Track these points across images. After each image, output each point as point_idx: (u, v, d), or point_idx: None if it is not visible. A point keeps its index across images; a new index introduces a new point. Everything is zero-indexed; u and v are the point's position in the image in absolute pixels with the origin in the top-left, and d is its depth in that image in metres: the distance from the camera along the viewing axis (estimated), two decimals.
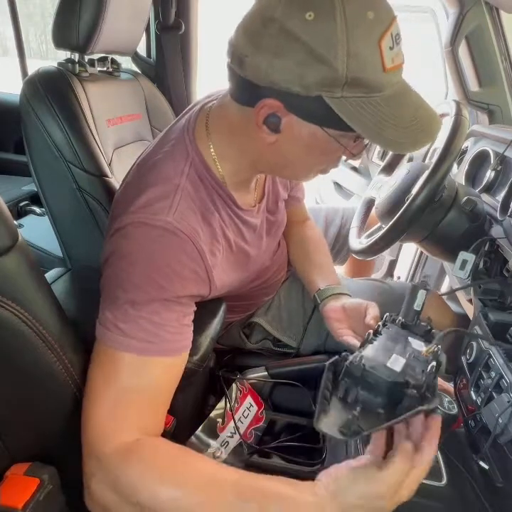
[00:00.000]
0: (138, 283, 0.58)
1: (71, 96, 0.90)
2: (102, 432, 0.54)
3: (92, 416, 0.55)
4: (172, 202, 0.62)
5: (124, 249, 0.59)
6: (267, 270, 0.94)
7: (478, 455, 0.61)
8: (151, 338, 0.57)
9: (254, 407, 0.81)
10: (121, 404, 0.55)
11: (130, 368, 0.56)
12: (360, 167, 2.09)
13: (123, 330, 0.57)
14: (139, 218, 0.60)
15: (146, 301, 0.58)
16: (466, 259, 0.80)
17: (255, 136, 0.62)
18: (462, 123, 0.83)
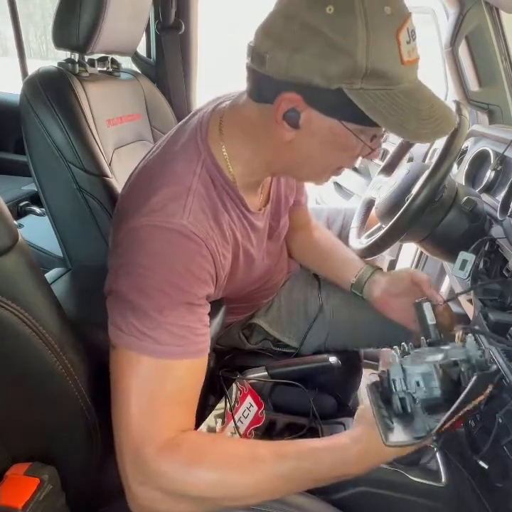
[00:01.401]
0: (161, 289, 0.58)
1: (71, 96, 0.90)
2: (142, 437, 0.55)
3: (129, 423, 0.55)
4: (185, 203, 0.61)
5: (142, 254, 0.59)
6: (268, 273, 0.94)
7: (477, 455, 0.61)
8: (180, 342, 0.58)
9: (254, 407, 0.81)
10: (156, 408, 0.56)
11: (161, 373, 0.57)
12: (360, 167, 2.09)
13: (152, 337, 0.56)
14: (154, 222, 0.59)
15: (171, 307, 0.58)
16: (466, 259, 0.80)
17: (273, 134, 0.62)
18: (462, 123, 0.83)
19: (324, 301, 1.03)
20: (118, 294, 0.60)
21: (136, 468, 0.55)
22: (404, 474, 0.69)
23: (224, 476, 0.54)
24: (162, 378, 0.57)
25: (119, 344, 0.58)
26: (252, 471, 0.54)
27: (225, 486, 0.54)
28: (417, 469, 0.70)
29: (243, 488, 0.55)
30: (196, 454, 0.55)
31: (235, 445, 0.58)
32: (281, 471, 0.54)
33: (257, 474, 0.54)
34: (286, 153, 0.65)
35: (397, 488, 0.69)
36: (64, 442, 0.57)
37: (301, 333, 1.01)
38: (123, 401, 0.56)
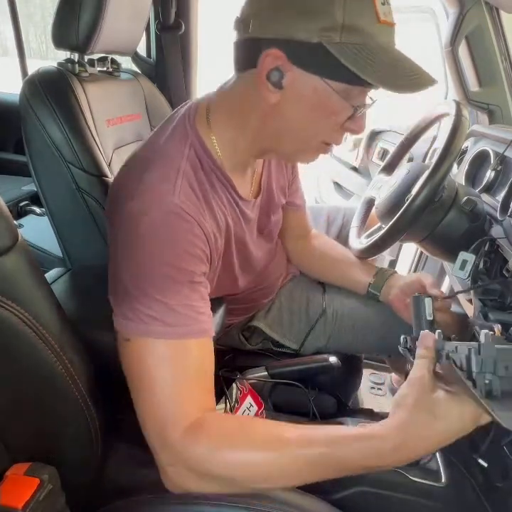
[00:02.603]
0: (160, 272, 0.59)
1: (71, 96, 0.90)
2: (166, 421, 0.56)
3: (153, 408, 0.57)
4: (175, 183, 0.62)
5: (137, 240, 0.60)
6: (265, 270, 0.94)
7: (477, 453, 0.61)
8: (188, 322, 0.59)
9: (254, 407, 0.81)
10: (176, 390, 0.57)
11: (175, 355, 0.58)
12: (360, 167, 2.09)
13: (161, 320, 0.58)
14: (145, 204, 0.60)
15: (173, 288, 0.59)
16: (466, 259, 0.80)
17: (257, 100, 0.63)
18: (462, 123, 0.83)
19: (327, 305, 1.03)
20: (121, 284, 0.61)
21: (165, 450, 0.56)
22: (404, 474, 0.69)
23: (249, 458, 0.55)
24: (178, 360, 0.58)
25: (130, 334, 0.59)
26: (278, 454, 0.54)
27: (250, 468, 0.55)
28: (417, 469, 0.70)
29: (267, 471, 0.55)
30: (223, 435, 0.56)
31: (261, 428, 0.58)
32: (307, 455, 0.53)
33: (282, 458, 0.54)
34: (270, 121, 0.65)
35: (397, 488, 0.69)
36: (64, 442, 0.57)
37: (301, 335, 1.00)
38: (144, 388, 0.58)
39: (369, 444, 0.51)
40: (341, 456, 0.52)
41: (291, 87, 0.61)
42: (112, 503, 0.62)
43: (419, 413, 0.50)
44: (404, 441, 0.50)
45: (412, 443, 0.50)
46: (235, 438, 0.56)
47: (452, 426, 0.49)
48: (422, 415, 0.50)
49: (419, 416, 0.50)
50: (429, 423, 0.49)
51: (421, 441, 0.50)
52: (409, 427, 0.50)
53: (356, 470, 0.54)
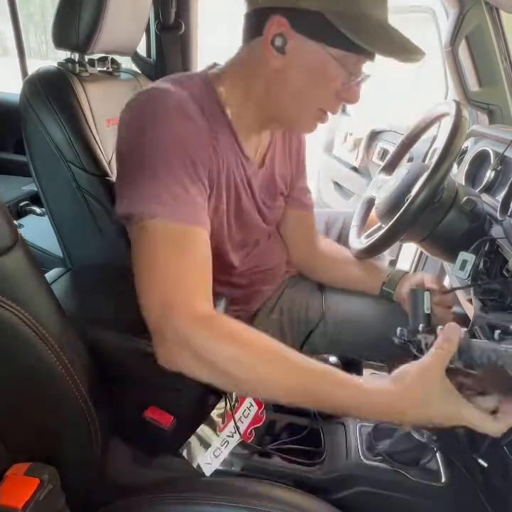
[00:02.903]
0: (166, 157, 0.64)
1: (71, 96, 0.90)
2: (177, 302, 0.58)
3: (159, 291, 0.59)
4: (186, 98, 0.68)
5: (142, 120, 0.66)
6: (262, 251, 0.96)
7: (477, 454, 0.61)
8: (190, 210, 0.64)
9: (254, 407, 0.81)
10: (191, 274, 0.61)
11: (183, 240, 0.62)
12: (360, 167, 2.09)
13: (164, 202, 0.62)
14: (154, 92, 0.69)
15: (177, 175, 0.64)
16: (466, 259, 0.80)
17: (263, 65, 0.69)
18: (462, 123, 0.83)
19: (327, 309, 1.02)
20: (131, 168, 0.66)
21: (167, 328, 0.58)
22: (404, 474, 0.69)
23: (244, 358, 0.56)
24: (184, 246, 0.62)
25: (139, 216, 0.62)
26: (271, 365, 0.56)
27: (242, 367, 0.56)
28: (417, 469, 0.70)
29: (255, 375, 0.57)
30: (227, 331, 0.58)
31: (263, 338, 0.60)
32: (298, 379, 0.56)
33: (274, 370, 0.56)
34: (273, 86, 0.71)
35: (397, 488, 0.69)
36: (64, 442, 0.58)
37: (301, 338, 1.00)
38: (148, 271, 0.61)
39: (351, 393, 0.55)
40: (325, 394, 0.56)
41: (293, 53, 0.66)
42: (112, 503, 0.62)
43: (414, 391, 0.53)
44: (384, 404, 0.54)
45: (391, 410, 0.54)
46: (236, 337, 0.58)
47: (439, 419, 0.54)
48: (415, 395, 0.53)
49: (413, 393, 0.53)
50: (418, 404, 0.53)
51: (401, 415, 0.55)
52: (397, 397, 0.54)
53: (336, 410, 0.58)
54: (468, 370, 0.53)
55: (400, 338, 0.67)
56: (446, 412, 0.53)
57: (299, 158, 0.99)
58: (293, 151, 0.96)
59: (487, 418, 0.52)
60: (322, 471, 0.73)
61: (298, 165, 0.99)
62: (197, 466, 0.72)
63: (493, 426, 0.52)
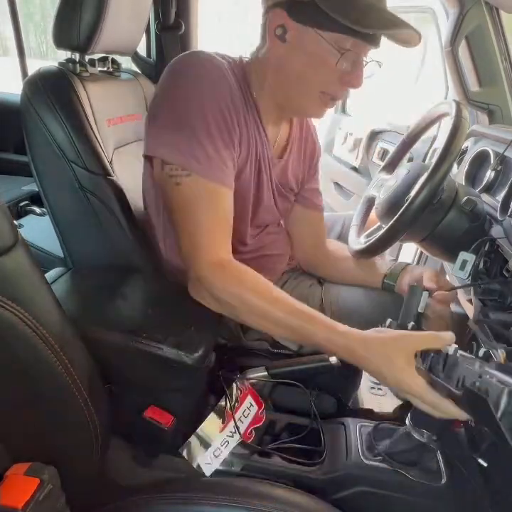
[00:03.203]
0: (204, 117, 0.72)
1: (72, 95, 0.90)
2: (201, 248, 0.73)
3: (194, 235, 0.74)
4: (224, 63, 0.77)
5: (191, 81, 0.73)
6: (270, 237, 1.00)
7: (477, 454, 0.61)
8: (220, 170, 0.74)
9: (254, 407, 0.81)
10: (215, 227, 0.74)
11: (212, 196, 0.74)
12: (360, 167, 2.09)
13: (201, 161, 0.72)
14: (199, 52, 0.77)
15: (211, 135, 0.73)
16: (466, 259, 0.80)
17: (270, 56, 0.78)
18: (462, 123, 0.83)
19: (326, 301, 1.03)
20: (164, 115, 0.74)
21: (193, 270, 0.74)
22: (404, 474, 0.69)
23: (252, 300, 0.71)
24: (214, 201, 0.74)
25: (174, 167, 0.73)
26: (271, 307, 0.71)
27: (249, 306, 0.72)
28: (417, 469, 0.70)
29: (259, 313, 0.72)
30: (241, 278, 0.73)
31: (270, 286, 0.74)
32: (290, 322, 0.70)
33: (274, 311, 0.71)
34: (279, 74, 0.79)
35: (397, 488, 0.69)
36: (64, 442, 0.58)
37: None
38: (187, 218, 0.74)
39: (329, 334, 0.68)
40: (308, 333, 0.69)
41: (292, 41, 0.74)
42: (112, 503, 0.62)
43: (384, 346, 0.64)
44: (355, 347, 0.66)
45: (359, 352, 0.65)
46: (248, 283, 0.73)
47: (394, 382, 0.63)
48: (384, 349, 0.63)
49: (382, 346, 0.64)
50: (382, 358, 0.63)
51: (366, 360, 0.65)
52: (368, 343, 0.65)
53: (314, 347, 0.72)
54: (448, 386, 0.55)
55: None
56: (403, 381, 0.62)
57: (312, 161, 1.04)
58: (307, 153, 1.01)
59: (445, 402, 0.58)
60: (322, 471, 0.73)
61: (310, 168, 1.04)
62: (197, 466, 0.72)
63: (451, 410, 0.58)
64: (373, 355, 0.64)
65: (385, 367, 0.63)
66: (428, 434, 0.66)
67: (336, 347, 0.68)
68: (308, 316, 0.70)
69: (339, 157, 2.29)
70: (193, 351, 0.69)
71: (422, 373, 0.61)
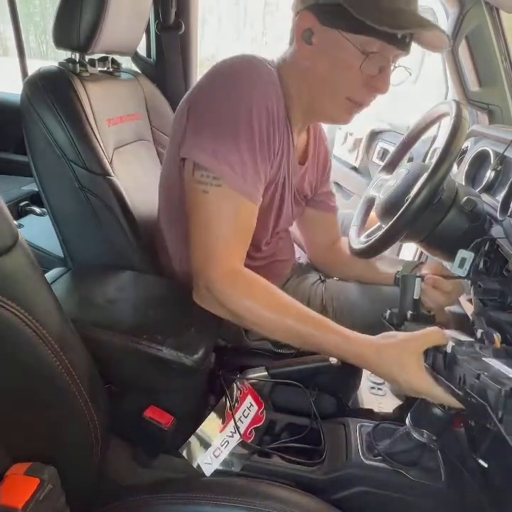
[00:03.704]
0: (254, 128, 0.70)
1: (72, 95, 0.90)
2: (214, 258, 0.71)
3: (204, 246, 0.72)
4: (271, 69, 0.76)
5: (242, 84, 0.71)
6: (280, 245, 1.01)
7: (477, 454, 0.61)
8: (252, 185, 0.72)
9: (254, 407, 0.81)
10: (227, 235, 0.72)
11: (238, 209, 0.72)
12: (360, 167, 2.09)
13: (235, 170, 0.70)
14: (248, 56, 0.75)
15: (251, 148, 0.71)
16: (465, 257, 0.80)
17: (297, 60, 0.77)
18: (462, 123, 0.83)
19: (327, 299, 1.03)
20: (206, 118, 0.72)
21: (204, 278, 0.72)
22: (404, 474, 0.69)
23: (260, 311, 0.71)
24: (238, 213, 0.72)
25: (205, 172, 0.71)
26: (279, 317, 0.70)
27: (257, 318, 0.71)
28: (417, 469, 0.70)
29: (267, 324, 0.72)
30: (250, 290, 0.72)
31: (277, 295, 0.73)
32: (299, 330, 0.70)
33: (281, 322, 0.70)
34: (307, 77, 0.77)
35: (397, 488, 0.69)
36: (64, 442, 0.57)
37: None
38: (204, 226, 0.72)
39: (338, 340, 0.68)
40: (322, 341, 0.69)
41: (319, 43, 0.73)
42: (111, 503, 0.62)
43: (394, 350, 0.64)
44: (363, 353, 0.66)
45: (368, 358, 0.66)
46: (258, 294, 0.72)
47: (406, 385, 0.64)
48: (394, 353, 0.64)
49: (392, 351, 0.65)
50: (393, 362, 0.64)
51: (376, 366, 0.66)
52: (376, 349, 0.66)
53: (323, 353, 0.72)
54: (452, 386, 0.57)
55: (389, 322, 0.73)
56: (415, 383, 0.63)
57: (325, 169, 1.05)
58: (321, 160, 1.02)
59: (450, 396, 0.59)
60: (322, 471, 0.73)
61: (323, 175, 1.05)
62: (197, 466, 0.72)
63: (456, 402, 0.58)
64: (385, 361, 0.65)
65: (398, 372, 0.64)
66: (428, 434, 0.66)
67: (346, 354, 0.69)
68: (318, 324, 0.70)
69: (339, 157, 2.29)
70: (193, 353, 0.69)
71: (428, 371, 0.62)
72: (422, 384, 0.62)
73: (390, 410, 1.04)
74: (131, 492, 0.63)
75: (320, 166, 1.03)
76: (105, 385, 0.66)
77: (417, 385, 0.63)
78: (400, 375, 0.64)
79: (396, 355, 0.64)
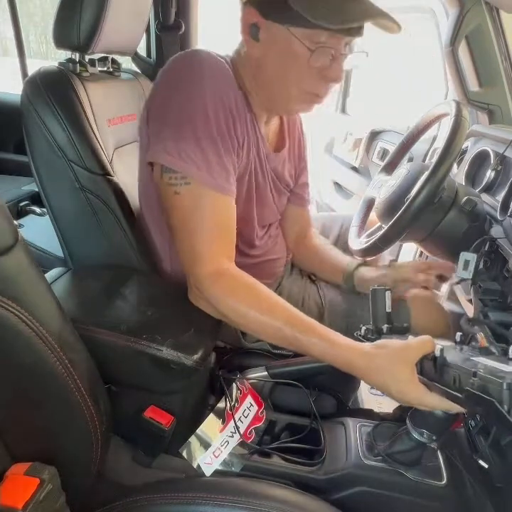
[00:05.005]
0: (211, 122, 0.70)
1: (72, 95, 0.90)
2: (200, 258, 0.71)
3: (187, 247, 0.72)
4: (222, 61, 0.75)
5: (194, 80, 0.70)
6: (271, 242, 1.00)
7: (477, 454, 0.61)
8: (223, 177, 0.72)
9: (254, 407, 0.81)
10: (215, 236, 0.72)
11: (213, 205, 0.72)
12: (360, 167, 2.09)
13: (200, 167, 0.69)
14: (198, 50, 0.74)
15: (212, 140, 0.70)
16: (468, 259, 0.80)
17: (248, 56, 0.76)
18: (462, 123, 0.83)
19: (323, 303, 1.03)
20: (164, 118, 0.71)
21: (192, 278, 0.74)
22: (404, 474, 0.69)
23: (246, 311, 0.70)
24: (217, 210, 0.72)
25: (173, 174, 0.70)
26: (267, 319, 0.70)
27: (244, 317, 0.71)
28: (417, 469, 0.70)
29: (254, 325, 0.71)
30: (236, 289, 0.71)
31: (264, 295, 0.72)
32: (285, 333, 0.68)
33: (269, 323, 0.70)
34: (258, 75, 0.77)
35: (397, 488, 0.69)
36: (64, 442, 0.57)
37: None
38: (186, 227, 0.72)
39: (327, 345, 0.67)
40: (308, 345, 0.68)
41: (265, 39, 0.71)
42: (111, 503, 0.62)
43: (386, 360, 0.62)
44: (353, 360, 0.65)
45: (358, 366, 0.65)
46: (243, 294, 0.71)
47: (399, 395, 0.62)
48: (385, 363, 0.62)
49: (384, 361, 0.63)
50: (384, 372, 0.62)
51: (365, 374, 0.65)
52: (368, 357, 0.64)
53: (311, 356, 0.70)
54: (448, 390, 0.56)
55: (365, 338, 0.72)
56: (408, 393, 0.61)
57: (301, 152, 1.02)
58: (296, 144, 1.00)
59: (447, 403, 0.59)
60: (322, 471, 0.73)
61: (300, 160, 1.02)
62: (197, 466, 0.72)
63: (455, 407, 0.59)
64: (377, 371, 0.63)
65: (390, 382, 0.63)
66: (428, 434, 0.66)
67: (333, 359, 0.68)
68: (305, 327, 0.69)
69: (339, 157, 2.29)
70: (193, 353, 0.69)
71: (420, 380, 0.61)
72: (414, 394, 0.61)
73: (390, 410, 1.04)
74: (131, 492, 0.63)
75: (296, 150, 1.00)
76: (105, 385, 0.66)
77: (410, 396, 0.61)
78: (392, 385, 0.62)
79: (389, 365, 0.63)
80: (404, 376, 0.61)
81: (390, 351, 0.64)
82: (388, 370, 0.62)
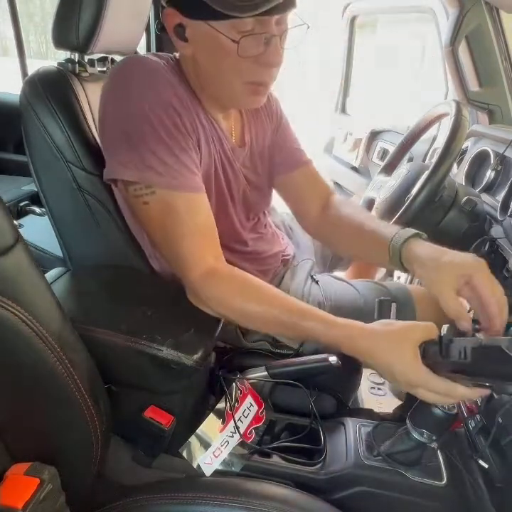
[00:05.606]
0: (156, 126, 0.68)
1: (71, 96, 0.90)
2: (186, 263, 0.71)
3: (174, 255, 0.72)
4: (160, 62, 0.74)
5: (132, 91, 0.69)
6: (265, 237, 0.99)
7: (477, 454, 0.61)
8: (186, 175, 0.70)
9: (254, 407, 0.81)
10: (196, 237, 0.71)
11: (182, 206, 0.70)
12: (360, 167, 2.09)
13: (163, 171, 0.68)
14: (133, 58, 0.75)
15: (164, 142, 0.68)
16: None
17: (183, 56, 0.77)
18: (462, 123, 0.83)
19: (324, 300, 1.03)
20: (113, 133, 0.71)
21: (186, 281, 0.74)
22: (404, 474, 0.69)
23: (242, 307, 0.71)
24: (194, 211, 0.71)
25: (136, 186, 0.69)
26: (263, 309, 0.70)
27: (241, 313, 0.72)
28: (417, 469, 0.70)
29: (251, 317, 0.72)
30: (229, 287, 0.71)
31: (256, 286, 0.72)
32: (283, 320, 0.69)
33: (265, 314, 0.70)
34: (198, 72, 0.76)
35: (397, 488, 0.69)
36: (64, 442, 0.58)
37: None
38: (164, 235, 0.72)
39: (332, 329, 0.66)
40: (309, 329, 0.67)
41: (192, 38, 0.70)
42: (111, 503, 0.62)
43: (390, 339, 0.61)
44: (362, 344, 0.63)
45: (366, 353, 0.63)
46: (237, 289, 0.71)
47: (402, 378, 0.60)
48: (390, 342, 0.61)
49: (388, 340, 0.61)
50: (389, 352, 0.60)
51: (368, 354, 0.63)
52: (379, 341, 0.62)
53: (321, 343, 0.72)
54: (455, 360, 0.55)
55: None
56: (412, 374, 0.59)
57: (275, 121, 0.97)
58: (266, 119, 0.95)
59: (453, 385, 0.57)
60: (322, 471, 0.73)
61: (278, 129, 0.97)
62: (197, 466, 0.72)
63: (460, 391, 0.57)
64: (381, 349, 0.61)
65: (394, 362, 0.60)
66: (428, 434, 0.66)
67: (335, 340, 0.66)
68: (304, 312, 0.69)
69: (339, 157, 2.29)
70: (193, 353, 0.69)
71: (424, 363, 0.60)
72: (420, 375, 0.58)
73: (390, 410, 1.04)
74: (131, 492, 0.63)
75: (267, 124, 0.95)
76: (105, 385, 0.66)
77: (414, 376, 0.59)
78: (396, 364, 0.60)
79: (394, 343, 0.60)
80: (409, 355, 0.59)
81: (395, 329, 0.62)
82: (393, 348, 0.60)
